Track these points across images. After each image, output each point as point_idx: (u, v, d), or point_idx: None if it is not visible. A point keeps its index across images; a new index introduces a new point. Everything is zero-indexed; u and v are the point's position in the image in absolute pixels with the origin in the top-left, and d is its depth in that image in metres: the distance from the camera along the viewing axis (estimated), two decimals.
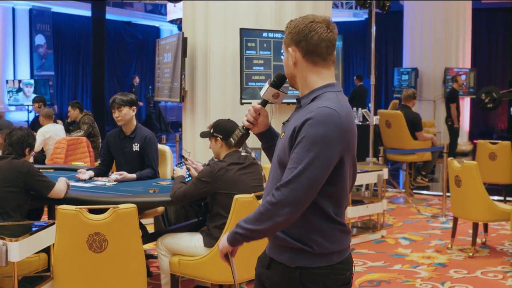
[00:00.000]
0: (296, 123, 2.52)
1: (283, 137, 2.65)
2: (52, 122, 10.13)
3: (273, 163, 2.73)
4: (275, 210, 2.48)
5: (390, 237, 7.81)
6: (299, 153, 2.47)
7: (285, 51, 2.70)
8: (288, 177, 2.47)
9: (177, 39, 8.46)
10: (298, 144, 2.48)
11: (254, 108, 2.82)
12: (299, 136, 2.48)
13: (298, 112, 2.63)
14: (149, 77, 23.48)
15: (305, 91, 2.67)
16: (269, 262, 2.72)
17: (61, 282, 4.38)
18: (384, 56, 22.65)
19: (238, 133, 2.87)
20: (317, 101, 2.57)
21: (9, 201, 4.86)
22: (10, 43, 19.58)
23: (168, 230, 5.56)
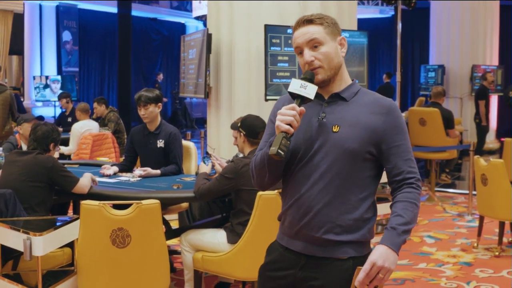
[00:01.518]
0: (374, 118, 2.62)
1: (343, 129, 2.60)
2: (89, 117, 10.18)
3: (321, 162, 2.62)
4: (419, 194, 2.67)
5: (415, 235, 7.75)
6: (406, 144, 2.67)
7: (332, 41, 2.66)
8: (415, 168, 2.67)
9: (202, 36, 8.47)
10: (398, 135, 2.65)
11: (302, 111, 2.56)
12: (393, 128, 2.64)
13: (348, 106, 2.66)
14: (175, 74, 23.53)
15: (342, 85, 2.70)
16: (305, 261, 2.67)
17: (85, 276, 4.39)
18: (411, 53, 22.48)
19: (286, 143, 2.48)
20: (365, 95, 2.71)
21: (34, 196, 4.89)
22: (37, 39, 19.73)
23: (191, 226, 5.56)
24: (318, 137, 2.65)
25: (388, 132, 2.62)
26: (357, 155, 2.60)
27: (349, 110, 2.64)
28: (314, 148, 2.65)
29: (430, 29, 16.86)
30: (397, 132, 2.64)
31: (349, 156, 2.60)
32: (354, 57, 8.13)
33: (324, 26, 2.66)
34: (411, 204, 2.60)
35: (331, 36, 2.66)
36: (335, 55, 2.67)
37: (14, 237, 4.26)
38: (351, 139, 2.60)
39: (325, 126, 2.64)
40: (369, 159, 2.64)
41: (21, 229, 4.23)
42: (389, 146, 2.63)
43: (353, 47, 8.09)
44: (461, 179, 12.15)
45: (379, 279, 2.50)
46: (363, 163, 2.63)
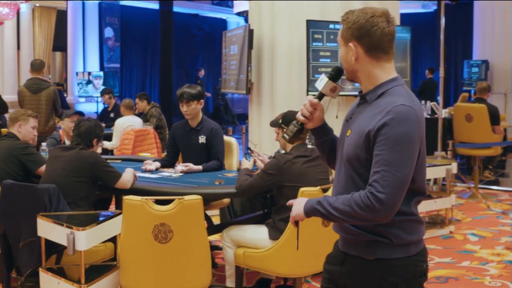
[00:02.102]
0: (371, 122, 2.50)
1: (351, 134, 2.60)
2: (132, 113, 10.25)
3: (340, 160, 2.70)
4: (369, 213, 2.46)
5: (459, 233, 7.66)
6: (386, 154, 2.44)
7: (343, 46, 2.64)
8: (381, 182, 2.43)
9: (243, 31, 8.47)
10: (381, 145, 2.45)
11: (311, 103, 2.72)
12: (380, 136, 2.45)
13: (366, 109, 2.60)
14: (216, 69, 23.57)
15: (369, 86, 2.63)
16: (344, 257, 2.69)
17: (127, 271, 4.41)
18: (454, 48, 22.21)
19: (292, 128, 2.77)
20: (387, 97, 2.55)
21: (77, 191, 4.93)
22: (80, 36, 19.92)
23: (233, 222, 5.56)
24: (342, 140, 2.71)
25: (375, 138, 2.47)
26: (354, 161, 2.58)
27: (364, 114, 2.59)
28: (340, 149, 2.72)
29: (474, 24, 16.64)
30: (381, 140, 2.45)
31: (350, 161, 2.61)
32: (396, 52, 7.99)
33: (343, 28, 2.65)
34: (351, 198, 2.48)
35: (343, 41, 2.65)
36: (344, 60, 2.67)
37: (58, 231, 4.29)
38: (349, 145, 2.61)
39: (346, 129, 2.69)
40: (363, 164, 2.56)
41: (65, 223, 4.26)
42: (373, 153, 2.49)
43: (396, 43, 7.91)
44: (505, 176, 11.97)
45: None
46: (360, 169, 2.57)
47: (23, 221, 4.74)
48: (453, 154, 9.44)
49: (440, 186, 8.97)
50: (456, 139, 10.28)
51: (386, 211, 2.44)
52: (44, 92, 8.75)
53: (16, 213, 4.83)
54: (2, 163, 5.42)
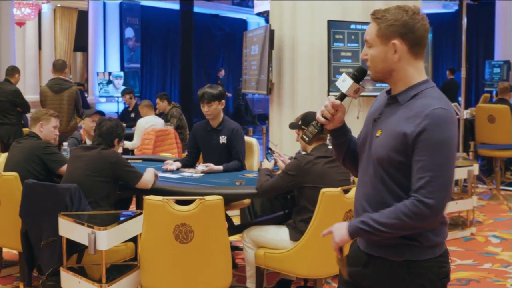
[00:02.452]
0: (407, 125, 2.47)
1: (382, 135, 2.57)
2: (154, 113, 10.29)
3: (367, 160, 2.66)
4: (418, 221, 2.45)
5: (480, 234, 7.60)
6: (428, 160, 2.43)
7: (381, 45, 2.57)
8: (428, 188, 2.42)
9: (264, 32, 8.46)
10: (422, 150, 2.44)
11: (333, 104, 2.64)
12: (421, 142, 2.44)
13: (398, 110, 2.57)
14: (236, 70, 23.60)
15: (401, 87, 2.60)
16: (367, 259, 2.67)
17: (148, 271, 4.42)
18: (475, 48, 22.07)
19: (312, 130, 2.72)
20: (421, 99, 2.53)
21: (98, 191, 4.94)
22: (101, 36, 20.03)
23: (254, 222, 5.55)
24: (369, 139, 2.67)
25: (414, 143, 2.45)
26: (385, 162, 2.55)
27: (396, 116, 2.56)
28: (366, 149, 2.68)
29: (495, 24, 16.55)
30: (422, 146, 2.44)
31: (380, 163, 2.57)
32: None
33: (380, 27, 2.57)
34: (396, 209, 2.47)
35: (382, 39, 2.57)
36: (381, 60, 2.59)
37: (79, 231, 4.31)
38: (382, 146, 2.56)
39: (375, 129, 2.64)
40: (400, 168, 2.53)
41: (86, 223, 4.28)
42: (412, 158, 2.47)
43: None
44: None
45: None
46: (396, 171, 2.54)
47: (45, 221, 4.76)
48: (475, 155, 9.38)
49: (462, 187, 8.92)
50: (478, 140, 10.21)
51: (435, 216, 2.46)
52: (66, 92, 8.79)
53: (38, 213, 4.85)
54: (24, 163, 5.45)
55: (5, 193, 5.26)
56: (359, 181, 2.74)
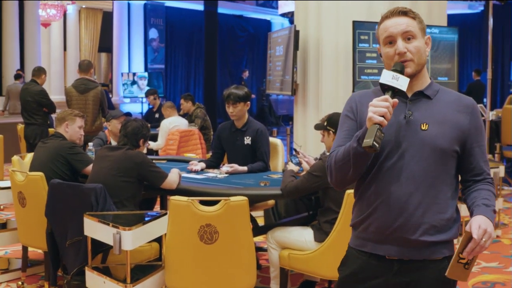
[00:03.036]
0: (461, 117, 2.62)
1: (432, 128, 2.56)
2: (177, 113, 10.32)
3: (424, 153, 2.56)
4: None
5: (506, 237, 7.54)
6: (484, 145, 2.71)
7: (422, 38, 2.64)
8: (488, 170, 2.71)
9: (289, 32, 8.45)
10: (480, 136, 2.66)
11: (394, 103, 2.46)
12: (478, 130, 2.66)
13: (434, 104, 2.62)
14: (260, 71, 23.63)
15: (424, 83, 2.66)
16: (399, 266, 2.60)
17: (172, 271, 4.42)
18: (500, 49, 21.94)
19: (380, 134, 2.39)
20: (446, 93, 2.69)
21: (124, 191, 4.96)
22: (125, 37, 20.13)
23: (278, 223, 5.54)
24: (407, 135, 2.58)
25: (472, 131, 2.63)
26: (446, 153, 2.58)
27: (435, 108, 2.61)
28: (403, 147, 2.58)
29: None
30: (479, 132, 2.66)
31: (439, 154, 2.56)
32: (444, 53, 7.98)
33: (417, 21, 2.64)
34: (493, 196, 2.62)
35: (422, 33, 2.64)
36: (424, 52, 2.64)
37: (104, 231, 4.32)
38: (441, 137, 2.56)
39: (413, 124, 2.58)
40: (455, 157, 2.62)
41: (111, 223, 4.29)
42: (472, 146, 2.64)
43: (443, 44, 7.94)
44: None
45: (482, 245, 2.41)
46: (450, 162, 2.61)
47: (70, 220, 4.78)
48: (500, 157, 9.31)
49: None
50: (504, 142, 10.14)
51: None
52: (92, 92, 8.83)
53: (63, 212, 4.87)
54: (50, 163, 5.48)
55: (31, 193, 5.29)
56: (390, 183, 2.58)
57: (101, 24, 21.70)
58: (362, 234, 2.68)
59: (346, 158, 2.54)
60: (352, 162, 2.53)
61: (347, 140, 2.62)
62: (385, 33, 2.64)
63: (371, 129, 2.39)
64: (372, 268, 2.64)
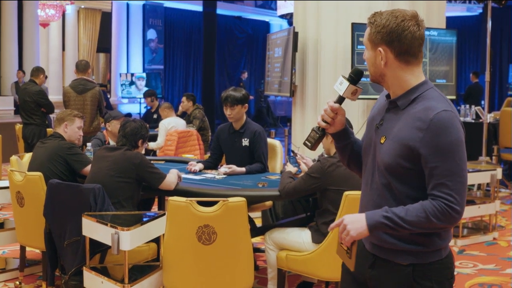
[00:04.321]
0: (413, 132, 2.46)
1: (387, 142, 2.54)
2: (174, 114, 10.34)
3: (372, 167, 2.64)
4: (446, 223, 2.46)
5: (503, 239, 7.56)
6: (444, 166, 2.43)
7: (371, 50, 2.58)
8: (454, 194, 2.42)
9: (288, 34, 8.46)
10: (435, 156, 2.43)
11: (332, 108, 2.62)
12: (432, 148, 2.43)
13: (400, 116, 2.55)
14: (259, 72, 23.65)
15: (399, 91, 2.58)
16: (373, 260, 2.66)
17: (170, 272, 4.43)
18: (499, 52, 21.98)
19: (314, 135, 2.67)
20: (422, 101, 2.51)
21: (122, 191, 4.97)
22: (124, 37, 20.14)
23: (276, 224, 5.55)
24: (372, 145, 2.65)
25: (423, 151, 2.44)
26: (392, 170, 2.53)
27: (398, 121, 2.55)
28: (370, 155, 2.67)
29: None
30: (433, 152, 2.43)
31: (388, 170, 2.54)
32: (442, 56, 7.99)
33: (370, 32, 2.59)
34: (421, 209, 2.44)
35: (371, 45, 2.58)
36: (372, 64, 2.60)
37: (102, 231, 4.33)
38: (388, 154, 2.54)
39: (378, 135, 2.62)
40: (405, 174, 2.52)
41: (109, 223, 4.29)
42: (425, 166, 2.46)
43: (442, 46, 7.95)
44: None
45: (343, 237, 2.53)
46: (409, 176, 2.52)
47: (68, 220, 4.79)
48: (498, 159, 9.32)
49: (484, 191, 8.86)
50: (501, 144, 10.16)
51: (459, 218, 2.48)
52: (89, 93, 8.83)
53: (62, 213, 4.88)
54: (48, 163, 5.49)
55: (30, 192, 5.30)
56: (364, 188, 2.72)
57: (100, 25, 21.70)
58: None
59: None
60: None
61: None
62: None
63: (312, 129, 2.70)
64: (361, 257, 2.68)
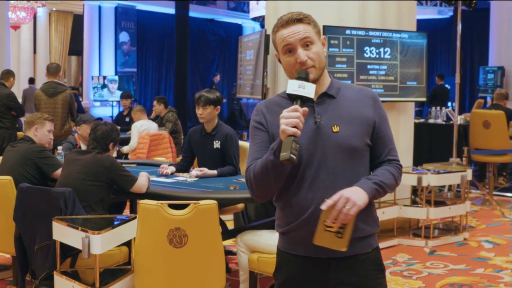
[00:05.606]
0: (366, 110, 2.66)
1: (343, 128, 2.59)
2: (146, 117, 10.31)
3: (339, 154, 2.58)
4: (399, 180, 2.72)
5: (473, 239, 7.62)
6: (388, 131, 2.73)
7: (317, 42, 2.62)
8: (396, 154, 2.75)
9: (259, 36, 8.47)
10: (383, 124, 2.71)
11: (304, 111, 2.44)
12: (382, 119, 2.70)
13: (338, 102, 2.65)
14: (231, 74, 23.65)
15: (326, 83, 2.70)
16: (328, 264, 2.63)
17: (141, 275, 4.42)
18: (469, 54, 22.19)
19: (296, 146, 2.37)
20: (347, 88, 2.72)
21: (93, 195, 4.95)
22: (96, 40, 20.05)
23: (248, 227, 5.55)
24: (320, 140, 2.59)
25: (377, 121, 2.68)
26: (361, 150, 2.64)
27: (341, 107, 2.64)
28: (319, 152, 2.59)
29: (490, 30, 16.58)
30: (384, 120, 2.71)
31: (356, 153, 2.62)
32: (412, 58, 8.03)
33: (312, 26, 2.63)
34: (389, 172, 2.66)
35: (318, 36, 2.64)
36: (322, 54, 2.64)
37: (73, 235, 4.31)
38: (354, 136, 2.61)
39: (324, 128, 2.59)
40: (368, 150, 2.69)
41: (80, 227, 4.28)
42: (379, 135, 2.69)
43: (412, 48, 7.99)
44: None
45: (345, 213, 2.40)
46: (365, 156, 2.68)
47: (39, 225, 4.77)
48: (468, 160, 9.41)
49: (455, 192, 8.94)
50: (472, 146, 10.25)
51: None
52: (60, 96, 8.79)
53: (32, 217, 4.86)
54: (19, 167, 5.46)
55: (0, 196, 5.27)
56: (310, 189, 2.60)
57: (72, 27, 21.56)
58: (293, 239, 2.71)
59: (265, 171, 2.53)
60: (271, 174, 2.53)
61: (262, 152, 2.62)
62: (283, 42, 2.61)
63: (285, 141, 2.38)
64: (309, 270, 2.67)
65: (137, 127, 9.77)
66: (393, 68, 7.79)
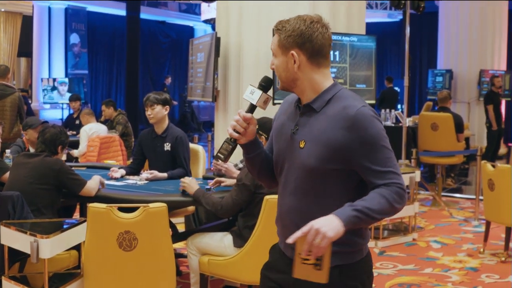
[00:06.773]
0: (338, 133, 2.51)
1: (308, 145, 2.56)
2: (95, 119, 10.23)
3: (294, 172, 2.63)
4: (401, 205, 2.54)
5: (422, 240, 7.74)
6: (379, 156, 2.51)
7: (282, 55, 2.61)
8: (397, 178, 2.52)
9: (210, 39, 8.48)
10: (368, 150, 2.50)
11: (245, 118, 2.59)
12: (361, 143, 2.49)
13: (317, 117, 2.58)
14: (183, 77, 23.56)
15: (312, 94, 2.62)
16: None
17: (91, 279, 4.40)
18: (418, 57, 22.47)
19: (227, 147, 2.61)
20: (337, 101, 2.57)
21: (41, 198, 4.90)
22: (46, 42, 19.79)
23: (198, 229, 5.56)
24: (288, 151, 2.65)
25: (355, 148, 2.50)
26: (321, 172, 2.55)
27: (317, 123, 2.58)
28: (287, 162, 2.66)
29: (438, 34, 16.80)
30: (366, 145, 2.50)
31: (314, 173, 2.56)
32: (362, 61, 8.12)
33: (280, 38, 2.62)
34: (380, 196, 2.47)
35: (282, 50, 2.61)
36: (283, 70, 2.62)
37: (21, 239, 4.27)
38: (312, 157, 2.55)
39: (295, 141, 2.63)
40: (338, 174, 2.55)
41: (28, 231, 4.25)
42: (360, 163, 2.52)
43: (361, 52, 8.09)
44: (467, 184, 12.14)
45: (316, 245, 2.33)
46: (332, 178, 2.56)
47: None
48: (417, 162, 9.54)
49: None
50: (420, 148, 10.41)
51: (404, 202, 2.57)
52: (9, 98, 8.68)
53: None
54: None
55: None
56: (282, 195, 2.71)
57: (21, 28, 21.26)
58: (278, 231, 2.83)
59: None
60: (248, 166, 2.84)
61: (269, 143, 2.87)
62: None
63: (224, 141, 2.64)
64: (282, 263, 2.74)
65: (86, 131, 9.68)
66: (343, 70, 7.87)
